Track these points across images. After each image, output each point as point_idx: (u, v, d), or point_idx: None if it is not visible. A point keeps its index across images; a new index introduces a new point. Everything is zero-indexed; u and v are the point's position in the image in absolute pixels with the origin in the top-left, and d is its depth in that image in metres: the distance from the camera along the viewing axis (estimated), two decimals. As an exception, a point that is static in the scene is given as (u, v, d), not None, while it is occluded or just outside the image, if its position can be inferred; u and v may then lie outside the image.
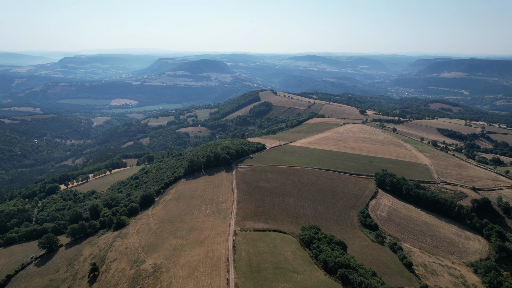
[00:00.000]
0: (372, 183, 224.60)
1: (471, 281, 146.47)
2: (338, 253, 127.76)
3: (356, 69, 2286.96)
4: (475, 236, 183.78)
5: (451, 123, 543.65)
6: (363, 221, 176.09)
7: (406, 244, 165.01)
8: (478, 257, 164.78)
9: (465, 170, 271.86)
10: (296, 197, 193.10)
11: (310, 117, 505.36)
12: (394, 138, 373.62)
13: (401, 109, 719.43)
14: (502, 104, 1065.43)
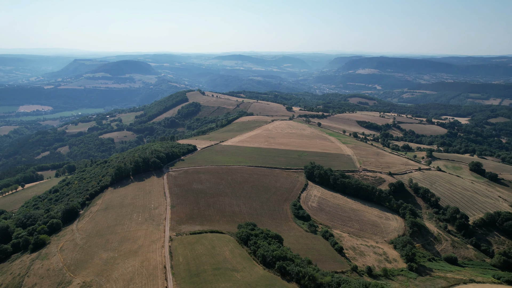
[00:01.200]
0: (302, 176, 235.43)
1: (392, 256, 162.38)
2: (275, 246, 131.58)
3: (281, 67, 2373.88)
4: (393, 216, 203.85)
5: (368, 116, 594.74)
6: (296, 213, 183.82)
7: (336, 231, 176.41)
8: (397, 234, 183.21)
9: (382, 158, 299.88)
10: (230, 196, 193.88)
11: (239, 116, 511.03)
12: (319, 132, 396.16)
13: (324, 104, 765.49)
14: (408, 97, 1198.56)
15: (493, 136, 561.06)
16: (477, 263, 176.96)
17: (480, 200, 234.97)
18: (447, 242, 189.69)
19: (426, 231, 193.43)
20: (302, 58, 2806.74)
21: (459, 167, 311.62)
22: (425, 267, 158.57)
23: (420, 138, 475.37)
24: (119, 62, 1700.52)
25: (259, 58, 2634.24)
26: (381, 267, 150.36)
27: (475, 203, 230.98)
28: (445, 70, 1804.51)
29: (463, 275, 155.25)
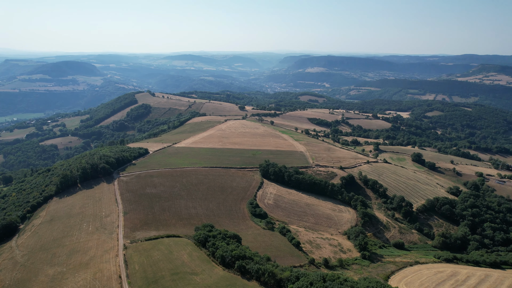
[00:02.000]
0: (257, 175, 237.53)
1: (346, 246, 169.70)
2: (234, 246, 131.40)
3: (232, 67, 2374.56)
4: (346, 208, 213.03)
5: (318, 113, 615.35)
6: (253, 211, 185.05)
7: (293, 226, 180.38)
8: (350, 225, 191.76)
9: (333, 153, 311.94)
10: (186, 198, 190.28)
11: (192, 117, 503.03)
12: (272, 130, 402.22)
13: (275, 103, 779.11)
14: (354, 93, 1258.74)
15: (430, 128, 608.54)
16: (421, 246, 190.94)
17: (422, 188, 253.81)
18: (395, 229, 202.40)
19: (376, 220, 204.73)
20: (253, 58, 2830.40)
21: (403, 158, 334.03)
22: (377, 254, 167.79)
23: (367, 132, 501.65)
24: (60, 63, 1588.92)
25: (210, 58, 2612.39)
26: (337, 258, 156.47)
27: (417, 191, 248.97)
28: (387, 68, 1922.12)
29: (410, 258, 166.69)
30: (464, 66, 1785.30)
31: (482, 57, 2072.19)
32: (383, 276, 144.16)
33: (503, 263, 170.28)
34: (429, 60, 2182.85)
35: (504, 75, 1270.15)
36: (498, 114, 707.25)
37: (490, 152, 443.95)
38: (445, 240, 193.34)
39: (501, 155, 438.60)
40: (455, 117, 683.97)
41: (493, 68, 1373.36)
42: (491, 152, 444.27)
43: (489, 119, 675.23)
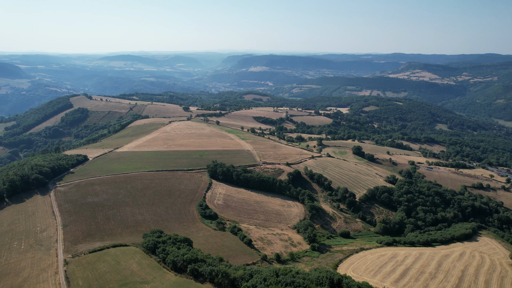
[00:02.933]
0: (205, 176, 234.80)
1: (296, 240, 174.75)
2: (185, 250, 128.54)
3: (174, 67, 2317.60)
4: (294, 203, 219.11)
5: (263, 111, 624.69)
6: (203, 213, 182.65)
7: (244, 225, 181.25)
8: (298, 219, 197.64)
9: (280, 150, 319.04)
10: (132, 205, 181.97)
11: (134, 120, 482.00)
12: (218, 130, 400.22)
13: (220, 102, 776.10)
14: (297, 91, 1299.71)
15: (367, 122, 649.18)
16: (364, 233, 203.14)
17: (363, 179, 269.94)
18: (341, 219, 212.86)
19: (323, 212, 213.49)
20: (195, 58, 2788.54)
21: (345, 152, 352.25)
22: (325, 245, 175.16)
23: (311, 128, 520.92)
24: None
25: (150, 58, 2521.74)
26: (288, 252, 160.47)
27: (359, 182, 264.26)
28: (326, 66, 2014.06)
29: (355, 246, 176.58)
30: (394, 64, 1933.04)
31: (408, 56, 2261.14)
32: (332, 265, 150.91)
33: (433, 241, 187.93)
34: (364, 58, 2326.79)
35: (427, 72, 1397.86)
36: (424, 108, 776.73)
37: (419, 142, 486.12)
38: (385, 226, 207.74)
39: (428, 144, 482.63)
40: (389, 111, 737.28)
41: (418, 66, 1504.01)
42: (420, 142, 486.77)
43: (417, 112, 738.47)
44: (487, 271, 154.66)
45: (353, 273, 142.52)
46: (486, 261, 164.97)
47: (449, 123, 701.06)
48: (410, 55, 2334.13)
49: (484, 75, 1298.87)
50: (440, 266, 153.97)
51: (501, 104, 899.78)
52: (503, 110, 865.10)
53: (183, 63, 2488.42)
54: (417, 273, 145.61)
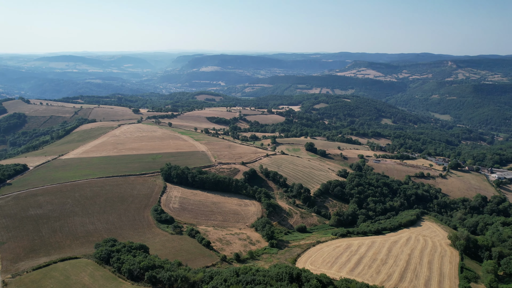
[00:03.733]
0: (159, 179, 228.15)
1: (255, 238, 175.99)
2: (141, 257, 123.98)
3: (121, 68, 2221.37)
4: (251, 202, 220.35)
5: (216, 111, 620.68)
6: (159, 218, 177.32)
7: (201, 227, 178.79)
8: (256, 218, 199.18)
9: (234, 149, 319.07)
10: (81, 214, 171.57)
11: (79, 124, 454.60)
12: (171, 132, 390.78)
13: (172, 104, 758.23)
14: (249, 91, 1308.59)
15: (318, 119, 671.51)
16: (320, 227, 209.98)
17: (317, 174, 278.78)
18: (297, 214, 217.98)
19: (280, 209, 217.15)
20: (143, 58, 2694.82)
21: (298, 149, 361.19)
22: (284, 241, 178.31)
23: (264, 127, 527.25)
24: None
25: (95, 59, 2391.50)
26: (247, 250, 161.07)
27: (313, 177, 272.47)
28: (277, 65, 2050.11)
29: (312, 239, 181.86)
30: (341, 62, 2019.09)
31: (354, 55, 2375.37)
32: (291, 260, 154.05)
33: (383, 229, 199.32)
34: (312, 58, 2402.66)
35: (372, 70, 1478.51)
36: (370, 104, 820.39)
37: (367, 137, 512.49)
38: (339, 218, 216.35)
39: (375, 138, 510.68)
40: (338, 108, 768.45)
41: (363, 64, 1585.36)
42: (368, 136, 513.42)
43: (364, 108, 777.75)
44: (430, 252, 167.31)
45: (311, 266, 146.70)
46: (429, 244, 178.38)
47: (393, 118, 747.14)
48: (356, 54, 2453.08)
49: (421, 72, 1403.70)
50: (390, 252, 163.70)
51: (436, 99, 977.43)
52: (438, 105, 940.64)
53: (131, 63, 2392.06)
54: (370, 261, 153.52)
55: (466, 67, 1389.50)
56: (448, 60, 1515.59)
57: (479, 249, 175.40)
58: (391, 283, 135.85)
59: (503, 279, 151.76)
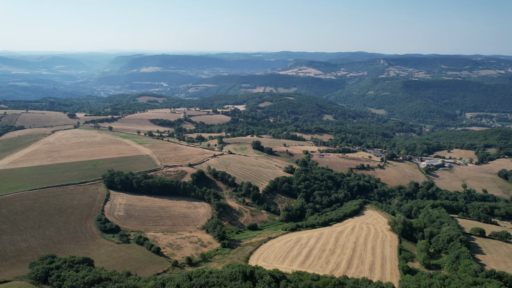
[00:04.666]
0: (102, 187, 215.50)
1: (206, 240, 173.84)
2: (85, 271, 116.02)
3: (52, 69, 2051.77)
4: (200, 204, 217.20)
5: (160, 113, 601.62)
6: (103, 227, 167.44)
7: (150, 233, 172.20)
8: (206, 219, 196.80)
9: (181, 151, 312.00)
10: (11, 232, 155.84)
11: (4, 132, 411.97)
12: (112, 137, 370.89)
13: (112, 106, 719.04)
14: (193, 91, 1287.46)
15: (264, 117, 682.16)
16: (270, 223, 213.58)
17: (264, 172, 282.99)
18: (247, 213, 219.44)
19: (230, 209, 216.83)
20: (77, 58, 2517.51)
21: (245, 148, 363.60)
22: (235, 240, 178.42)
23: (210, 127, 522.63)
24: None
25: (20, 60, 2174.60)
26: (199, 253, 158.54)
27: (261, 175, 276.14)
28: (220, 65, 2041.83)
29: (263, 236, 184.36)
30: (283, 61, 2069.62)
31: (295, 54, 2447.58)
32: (244, 258, 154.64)
33: (330, 221, 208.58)
34: (255, 57, 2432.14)
35: (312, 68, 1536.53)
36: (312, 101, 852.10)
37: (310, 133, 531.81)
38: (288, 213, 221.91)
39: (319, 134, 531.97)
40: (282, 106, 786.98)
41: (304, 63, 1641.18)
42: (312, 133, 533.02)
43: (306, 105, 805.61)
44: (373, 238, 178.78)
45: (264, 262, 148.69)
46: (372, 231, 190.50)
47: (334, 114, 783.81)
48: (297, 53, 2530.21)
49: (357, 70, 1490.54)
50: (338, 242, 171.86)
51: (371, 95, 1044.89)
52: (373, 100, 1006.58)
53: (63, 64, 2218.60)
54: (320, 252, 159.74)
55: (396, 65, 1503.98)
56: (381, 59, 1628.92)
57: (414, 231, 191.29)
58: (339, 271, 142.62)
59: (434, 255, 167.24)
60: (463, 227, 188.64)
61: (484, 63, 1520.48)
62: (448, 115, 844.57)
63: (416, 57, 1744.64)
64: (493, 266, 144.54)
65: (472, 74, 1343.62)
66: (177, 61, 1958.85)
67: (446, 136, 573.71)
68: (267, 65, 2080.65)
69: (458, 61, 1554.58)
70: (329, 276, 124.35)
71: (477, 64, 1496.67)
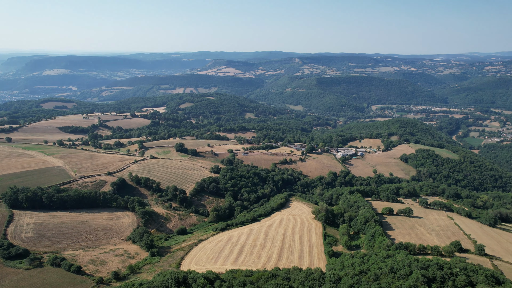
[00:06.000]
0: (2, 207, 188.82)
1: (134, 251, 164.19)
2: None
3: None
4: (124, 213, 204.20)
5: (70, 120, 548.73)
6: (6, 254, 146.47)
7: (68, 252, 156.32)
8: (132, 229, 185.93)
9: (97, 160, 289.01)
10: None
11: None
12: (12, 149, 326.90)
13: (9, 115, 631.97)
14: (107, 94, 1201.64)
15: (185, 119, 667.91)
16: (200, 225, 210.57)
17: (190, 174, 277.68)
18: (175, 218, 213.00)
19: (156, 215, 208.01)
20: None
21: (168, 151, 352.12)
22: (165, 247, 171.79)
23: (129, 132, 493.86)
24: None
25: None
26: (126, 266, 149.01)
27: (187, 177, 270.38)
28: (136, 66, 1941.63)
29: (193, 239, 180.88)
30: (201, 61, 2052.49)
31: (214, 53, 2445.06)
32: (175, 264, 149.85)
33: (259, 216, 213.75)
34: (173, 57, 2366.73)
35: (231, 68, 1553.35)
36: (233, 100, 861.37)
37: (234, 132, 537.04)
38: (217, 214, 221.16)
39: (242, 132, 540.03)
40: (204, 106, 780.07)
41: (223, 63, 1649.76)
42: (235, 131, 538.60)
43: (228, 104, 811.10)
44: (300, 228, 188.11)
45: (196, 265, 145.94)
46: (298, 221, 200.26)
47: (255, 112, 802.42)
48: (215, 52, 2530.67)
49: (275, 69, 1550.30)
50: (267, 236, 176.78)
51: (289, 92, 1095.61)
52: (291, 97, 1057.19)
53: None
54: (251, 248, 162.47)
55: (309, 63, 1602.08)
56: (295, 57, 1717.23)
57: (335, 217, 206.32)
58: (271, 263, 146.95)
59: (354, 237, 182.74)
60: (376, 208, 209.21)
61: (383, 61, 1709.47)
62: (357, 108, 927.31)
63: (327, 56, 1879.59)
64: (401, 239, 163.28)
65: (375, 71, 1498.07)
66: (87, 62, 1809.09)
67: (357, 128, 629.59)
68: (185, 65, 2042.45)
69: (363, 59, 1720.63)
70: (262, 270, 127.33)
71: (377, 62, 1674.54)
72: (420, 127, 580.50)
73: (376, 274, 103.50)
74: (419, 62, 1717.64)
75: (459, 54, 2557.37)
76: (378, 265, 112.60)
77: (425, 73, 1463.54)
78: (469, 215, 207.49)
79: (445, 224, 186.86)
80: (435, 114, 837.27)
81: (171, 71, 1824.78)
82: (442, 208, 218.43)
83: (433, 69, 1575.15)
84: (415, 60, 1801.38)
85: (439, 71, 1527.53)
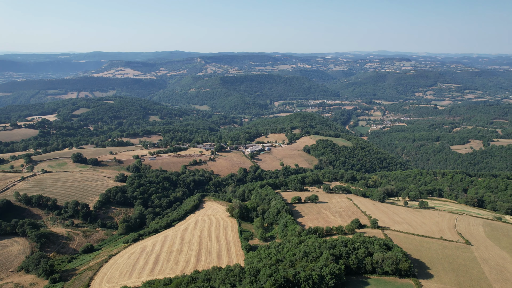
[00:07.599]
0: None
1: (28, 282, 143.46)
2: None
3: None
4: (12, 240, 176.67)
5: None
6: None
7: None
8: (24, 257, 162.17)
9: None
10: None
11: None
12: None
13: None
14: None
15: (82, 126, 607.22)
16: (109, 239, 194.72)
17: (93, 186, 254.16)
18: (79, 235, 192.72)
19: (55, 236, 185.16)
20: None
21: (64, 163, 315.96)
22: (69, 270, 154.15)
23: (11, 145, 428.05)
24: None
25: None
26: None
27: (89, 190, 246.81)
28: (14, 69, 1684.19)
29: (103, 256, 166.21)
30: (96, 62, 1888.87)
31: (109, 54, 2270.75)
32: (83, 286, 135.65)
33: (173, 221, 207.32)
34: (60, 58, 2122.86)
35: (130, 69, 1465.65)
36: (135, 103, 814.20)
37: (138, 136, 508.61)
38: (127, 224, 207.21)
39: (147, 136, 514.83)
40: (102, 111, 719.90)
41: (120, 64, 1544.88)
42: (139, 136, 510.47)
43: (130, 108, 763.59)
44: (216, 228, 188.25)
45: (109, 284, 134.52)
46: (213, 221, 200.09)
47: (160, 114, 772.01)
48: (111, 53, 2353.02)
49: (177, 69, 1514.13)
50: (183, 240, 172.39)
51: (193, 92, 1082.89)
52: (196, 97, 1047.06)
53: None
54: (167, 255, 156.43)
55: (212, 63, 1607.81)
56: (198, 57, 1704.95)
57: (249, 211, 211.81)
58: (190, 267, 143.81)
59: (268, 228, 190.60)
60: (286, 199, 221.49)
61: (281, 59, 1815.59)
62: (261, 105, 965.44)
63: (229, 55, 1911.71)
64: (310, 224, 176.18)
65: (274, 69, 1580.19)
66: None
67: (262, 124, 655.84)
68: (77, 67, 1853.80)
69: (263, 57, 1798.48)
70: (181, 275, 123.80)
71: (276, 60, 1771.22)
72: (319, 119, 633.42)
73: (291, 260, 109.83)
74: (313, 60, 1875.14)
75: (345, 53, 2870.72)
76: (292, 251, 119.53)
77: (319, 70, 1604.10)
78: (364, 195, 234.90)
79: (345, 205, 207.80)
80: (330, 107, 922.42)
81: (60, 74, 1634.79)
82: (342, 191, 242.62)
83: (325, 66, 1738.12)
84: (310, 58, 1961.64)
85: (330, 67, 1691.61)
